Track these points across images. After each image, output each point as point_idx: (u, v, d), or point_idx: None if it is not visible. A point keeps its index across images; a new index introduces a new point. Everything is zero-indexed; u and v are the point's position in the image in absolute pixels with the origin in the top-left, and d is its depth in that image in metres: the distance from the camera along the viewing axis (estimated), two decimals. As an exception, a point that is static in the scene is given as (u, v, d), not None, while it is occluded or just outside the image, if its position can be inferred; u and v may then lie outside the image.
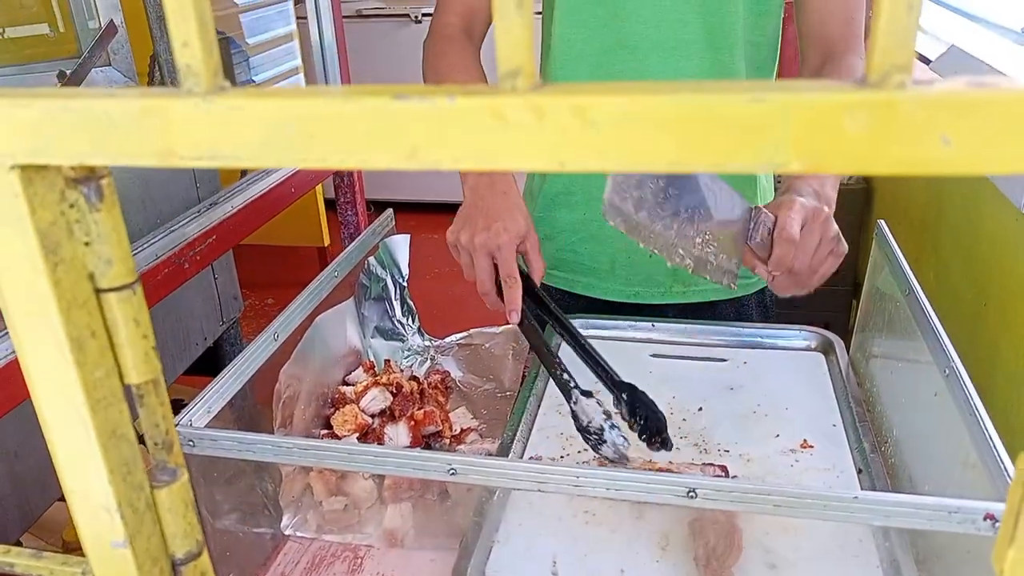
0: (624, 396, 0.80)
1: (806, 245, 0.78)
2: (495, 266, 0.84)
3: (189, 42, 0.25)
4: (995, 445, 0.55)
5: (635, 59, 1.02)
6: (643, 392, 0.81)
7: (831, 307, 2.16)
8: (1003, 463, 0.54)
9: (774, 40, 1.05)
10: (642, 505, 0.77)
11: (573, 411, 0.80)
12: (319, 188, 3.00)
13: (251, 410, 0.81)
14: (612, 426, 0.77)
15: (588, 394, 0.80)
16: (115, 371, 0.33)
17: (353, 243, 0.98)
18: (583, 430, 0.79)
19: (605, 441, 0.77)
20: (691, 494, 0.52)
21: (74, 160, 0.27)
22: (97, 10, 1.94)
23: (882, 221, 0.95)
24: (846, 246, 0.82)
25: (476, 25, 1.07)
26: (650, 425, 0.77)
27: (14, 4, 2.42)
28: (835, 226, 0.81)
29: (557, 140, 0.23)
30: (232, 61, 1.92)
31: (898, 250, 0.88)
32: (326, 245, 3.18)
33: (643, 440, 0.77)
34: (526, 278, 0.87)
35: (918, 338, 0.78)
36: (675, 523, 0.77)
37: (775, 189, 1.20)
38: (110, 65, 1.98)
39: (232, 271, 1.43)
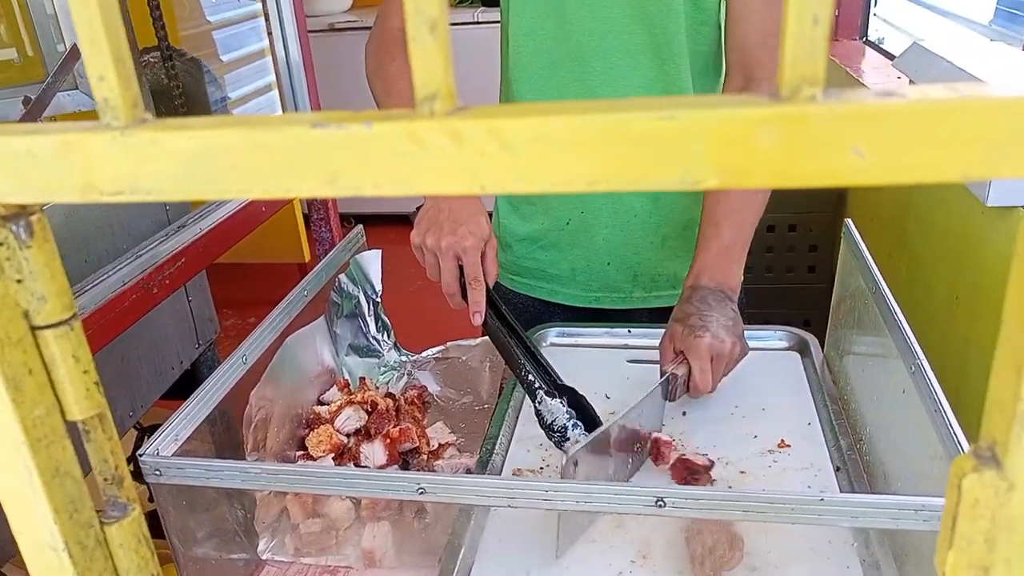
0: (564, 399, 0.84)
1: (714, 380, 0.89)
2: (460, 268, 0.87)
3: (105, 76, 0.25)
4: (959, 441, 0.55)
5: (584, 69, 1.03)
6: (583, 396, 0.86)
7: (810, 305, 2.18)
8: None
9: (717, 48, 1.05)
10: (621, 515, 0.77)
11: (537, 410, 0.83)
12: (296, 204, 2.99)
13: (223, 434, 0.80)
14: (575, 424, 0.81)
15: (552, 394, 0.83)
16: (56, 408, 0.32)
17: (322, 261, 0.97)
18: (547, 428, 0.82)
19: (568, 438, 0.81)
20: (659, 503, 0.52)
21: (-3, 199, 0.27)
22: (63, 34, 1.93)
23: (849, 220, 0.96)
24: (747, 350, 0.93)
25: None
26: (587, 427, 0.83)
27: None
28: (737, 345, 0.90)
29: (475, 164, 0.23)
30: (205, 80, 1.91)
31: (864, 248, 0.89)
32: (307, 261, 3.16)
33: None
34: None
35: (886, 335, 0.78)
36: (655, 531, 0.77)
37: None
38: (77, 89, 1.97)
39: (206, 293, 1.42)
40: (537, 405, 0.83)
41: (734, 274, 0.93)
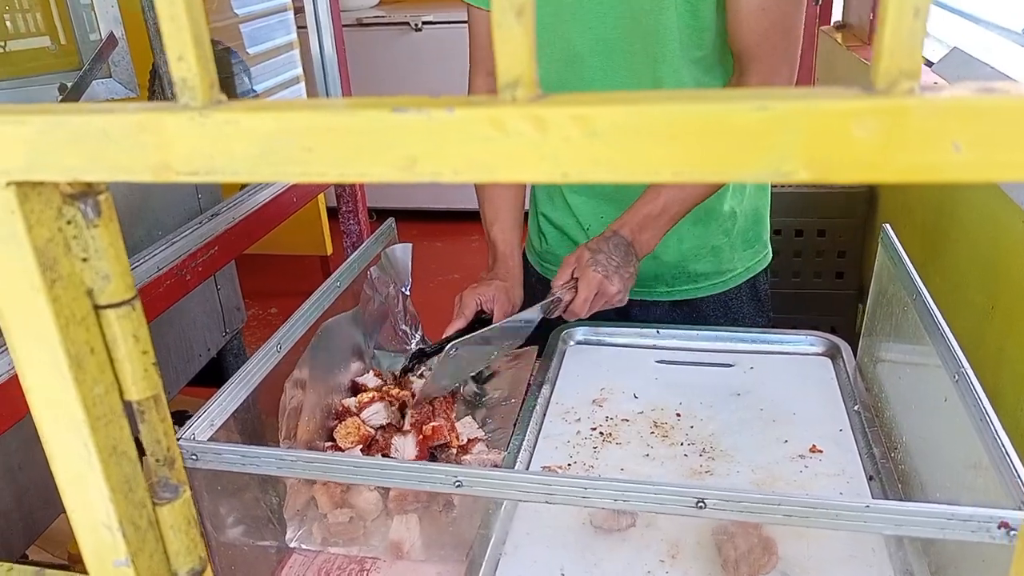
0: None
1: (585, 312, 1.00)
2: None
3: (184, 56, 0.25)
4: (1007, 450, 0.54)
5: (577, 67, 1.05)
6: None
7: (837, 311, 2.15)
8: (1015, 468, 0.54)
9: (721, 53, 1.04)
10: (652, 513, 0.77)
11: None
12: (321, 197, 3.00)
13: (255, 422, 0.80)
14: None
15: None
16: (115, 387, 0.32)
17: (354, 253, 0.98)
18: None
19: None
20: (700, 504, 0.51)
21: (69, 176, 0.27)
22: (98, 23, 1.95)
23: (887, 225, 0.95)
24: (625, 301, 1.03)
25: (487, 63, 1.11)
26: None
27: (16, 17, 2.43)
28: (621, 293, 1.01)
29: (559, 151, 0.23)
30: (233, 72, 1.92)
31: (904, 254, 0.87)
32: (329, 254, 3.17)
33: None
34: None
35: (926, 342, 0.77)
36: (685, 531, 0.76)
37: None
38: (111, 77, 1.98)
39: (235, 282, 1.43)
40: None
41: (647, 240, 1.03)
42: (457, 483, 0.55)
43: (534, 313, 1.01)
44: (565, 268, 1.01)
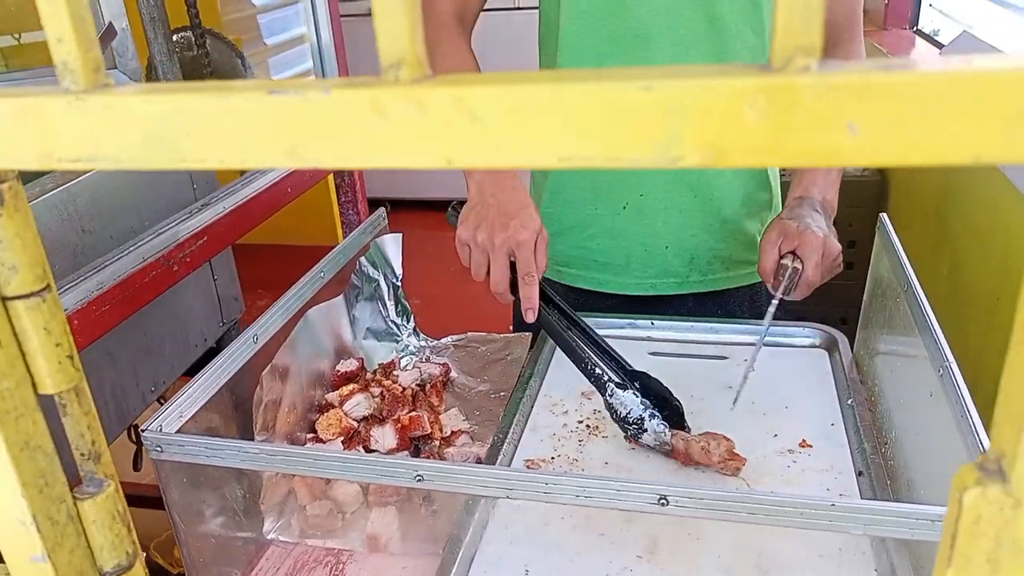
0: (637, 385, 0.83)
1: (820, 280, 0.90)
2: (511, 264, 0.84)
3: (63, 38, 0.24)
4: (984, 448, 0.52)
5: (643, 48, 1.00)
6: (656, 379, 0.85)
7: (847, 302, 2.12)
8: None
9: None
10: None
11: (609, 403, 0.83)
12: (331, 186, 3.00)
13: (242, 415, 0.80)
14: (652, 415, 0.81)
15: (623, 386, 0.83)
16: (27, 381, 0.32)
17: (341, 243, 0.97)
18: (622, 421, 0.82)
19: (646, 430, 0.81)
20: (662, 501, 0.50)
21: (-46, 164, 0.26)
22: (102, 13, 1.95)
23: (884, 214, 0.92)
24: (842, 263, 0.93)
25: (467, 11, 1.06)
26: (663, 412, 0.83)
27: (31, 9, 2.43)
28: (840, 251, 0.91)
29: (441, 134, 0.22)
30: (244, 65, 1.90)
31: (898, 244, 0.85)
32: (340, 243, 3.18)
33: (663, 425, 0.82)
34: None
35: (916, 335, 0.75)
36: (663, 528, 0.75)
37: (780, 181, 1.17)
38: (115, 68, 1.99)
39: (232, 272, 1.42)
40: (608, 398, 0.82)
41: (832, 199, 0.95)
42: (418, 477, 0.54)
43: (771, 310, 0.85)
44: (768, 244, 0.90)
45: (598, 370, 0.83)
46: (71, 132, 0.24)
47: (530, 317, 0.84)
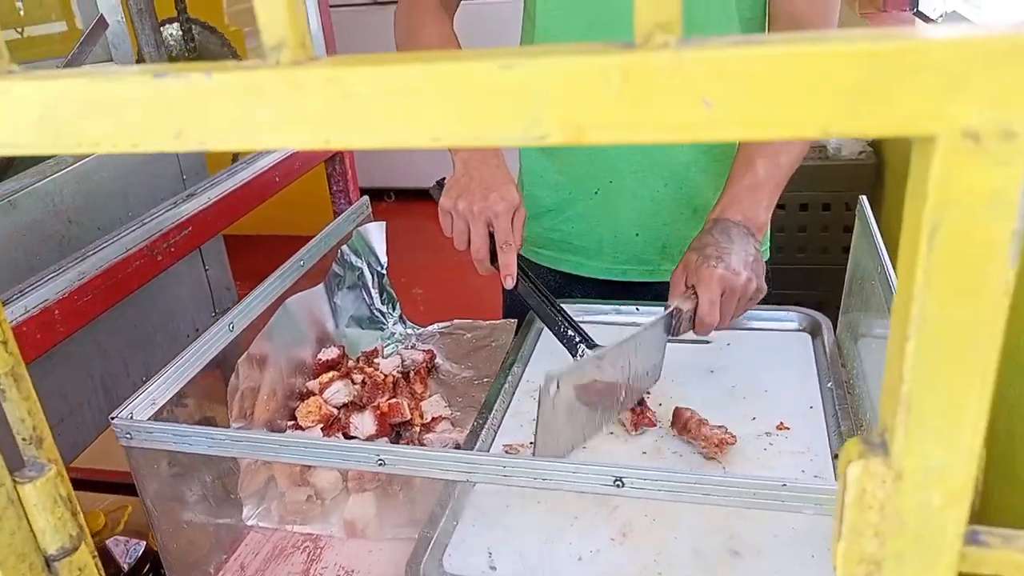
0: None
1: (724, 317, 0.85)
2: (490, 234, 0.87)
3: (-39, 25, 0.24)
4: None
5: (617, 36, 1.00)
6: None
7: (829, 286, 2.11)
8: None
9: (762, 15, 1.02)
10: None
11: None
12: (324, 175, 3.00)
13: (219, 402, 0.81)
14: None
15: (592, 347, 0.86)
16: (-40, 367, 0.32)
17: (321, 232, 0.97)
18: None
19: None
20: (618, 483, 0.50)
21: None
22: (98, 5, 1.95)
23: (863, 196, 0.92)
24: (764, 289, 0.87)
25: None
26: None
27: (35, 2, 2.45)
28: (753, 281, 0.85)
29: (318, 115, 0.22)
30: (221, 46, 1.90)
31: (875, 225, 0.85)
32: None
33: None
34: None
35: (889, 317, 0.75)
36: (638, 510, 0.75)
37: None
38: (111, 60, 2.00)
39: (224, 261, 1.43)
40: (578, 358, 0.85)
41: (762, 212, 0.89)
42: (380, 462, 0.54)
43: (656, 338, 0.82)
44: (676, 282, 0.88)
45: (570, 332, 0.87)
46: (-30, 118, 0.25)
47: (508, 283, 0.88)
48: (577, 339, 0.88)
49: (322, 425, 0.84)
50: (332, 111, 0.22)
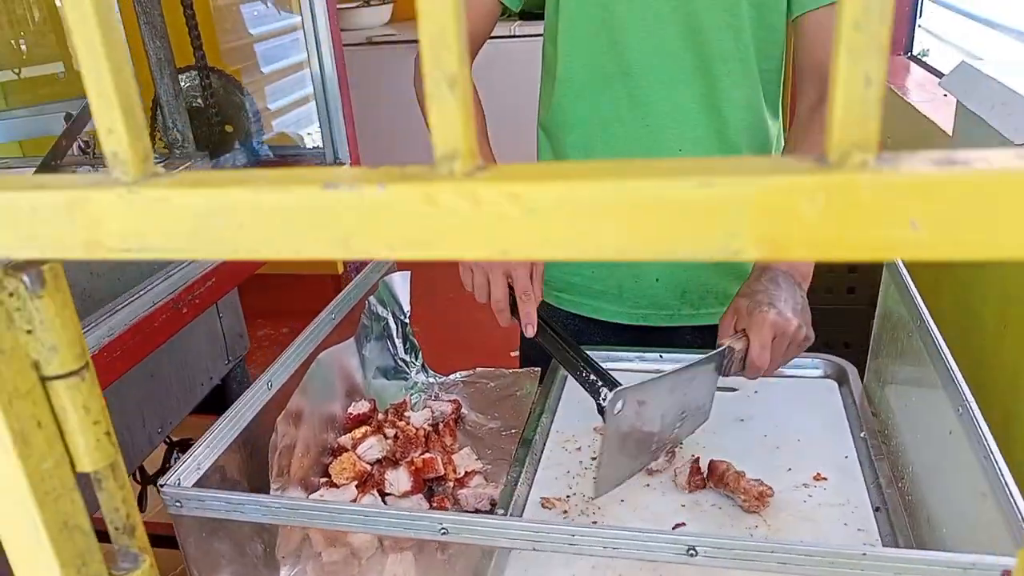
0: None
1: (774, 362, 0.86)
2: (509, 286, 0.89)
3: (114, 128, 0.24)
4: (1011, 491, 0.52)
5: (635, 85, 1.02)
6: None
7: (850, 327, 2.12)
8: (1019, 510, 0.52)
9: (779, 67, 1.04)
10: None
11: (601, 407, 0.83)
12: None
13: (252, 460, 0.79)
14: None
15: (616, 386, 0.84)
16: (66, 460, 0.31)
17: (351, 284, 0.97)
18: None
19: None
20: (691, 552, 0.50)
21: (1, 254, 0.26)
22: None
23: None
24: (812, 337, 0.88)
25: (471, 44, 1.08)
26: None
27: (31, 42, 2.46)
28: (803, 328, 0.86)
29: (496, 228, 0.22)
30: (240, 94, 1.92)
31: (909, 279, 0.85)
32: (340, 272, 3.18)
33: None
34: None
35: (931, 370, 0.75)
36: (685, 568, 0.74)
37: None
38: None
39: (238, 309, 1.42)
40: (601, 402, 0.84)
41: (807, 263, 0.91)
42: (443, 531, 0.53)
43: (708, 375, 0.82)
44: (725, 324, 0.88)
45: (592, 376, 0.87)
46: (120, 223, 0.24)
47: (529, 332, 0.90)
48: (600, 384, 0.88)
49: (357, 482, 0.83)
50: (513, 226, 0.22)
